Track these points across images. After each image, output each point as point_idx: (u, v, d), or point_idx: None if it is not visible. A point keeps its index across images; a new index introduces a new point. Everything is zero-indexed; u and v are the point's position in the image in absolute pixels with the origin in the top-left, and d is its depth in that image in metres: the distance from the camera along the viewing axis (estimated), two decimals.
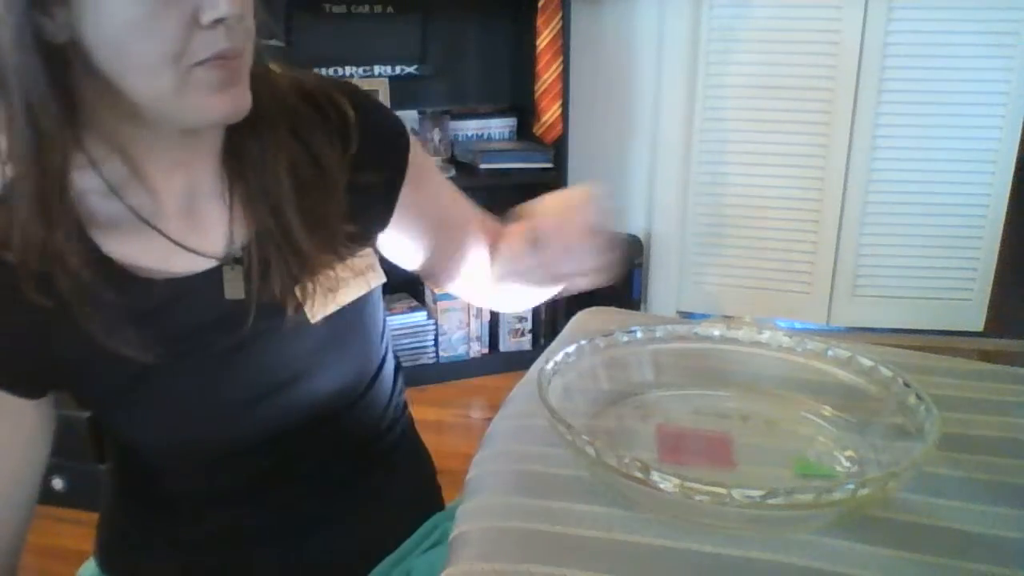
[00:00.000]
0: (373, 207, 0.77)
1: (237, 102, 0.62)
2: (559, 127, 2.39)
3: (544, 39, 2.34)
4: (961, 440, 0.63)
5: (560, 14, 2.32)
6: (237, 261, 0.69)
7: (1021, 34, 2.31)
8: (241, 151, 0.69)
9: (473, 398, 2.42)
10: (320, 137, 0.71)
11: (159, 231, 0.67)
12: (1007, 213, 2.45)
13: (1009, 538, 0.52)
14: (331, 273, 0.71)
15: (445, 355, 2.48)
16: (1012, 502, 0.56)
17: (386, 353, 0.85)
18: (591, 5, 2.52)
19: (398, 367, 0.89)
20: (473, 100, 2.57)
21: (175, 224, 0.68)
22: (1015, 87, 2.34)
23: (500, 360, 2.52)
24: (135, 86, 0.60)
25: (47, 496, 1.98)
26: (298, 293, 0.70)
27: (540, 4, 2.32)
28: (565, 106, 2.38)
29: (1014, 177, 2.43)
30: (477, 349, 2.51)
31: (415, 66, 2.44)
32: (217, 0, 0.57)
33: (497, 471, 0.61)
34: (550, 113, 2.39)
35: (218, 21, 0.58)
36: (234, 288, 0.69)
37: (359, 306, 0.76)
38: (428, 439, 0.94)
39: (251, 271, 0.69)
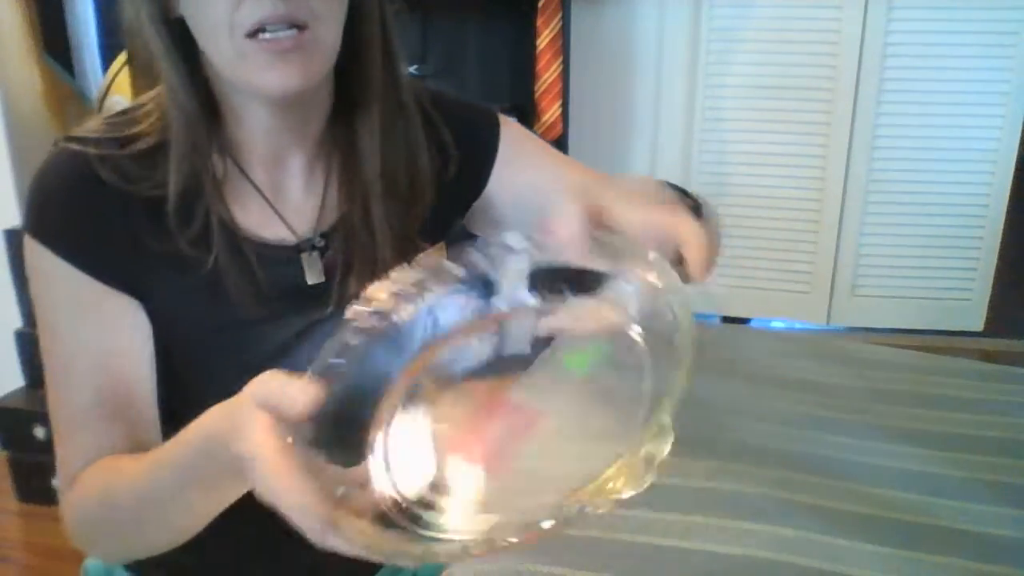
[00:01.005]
0: (452, 208, 0.80)
1: (287, 78, 0.62)
2: (559, 127, 2.39)
3: (544, 39, 2.34)
4: (961, 440, 0.63)
5: (560, 14, 2.32)
6: (316, 248, 0.72)
7: (1021, 34, 2.31)
8: (352, 140, 0.71)
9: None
10: (423, 152, 0.73)
11: (261, 192, 0.70)
12: (1007, 213, 2.45)
13: (1009, 538, 0.53)
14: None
15: None
16: (1012, 502, 0.56)
17: None
18: (591, 5, 2.52)
19: None
20: (473, 100, 2.57)
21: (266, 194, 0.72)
22: (1015, 87, 2.34)
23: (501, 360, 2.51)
24: (207, 52, 0.64)
25: (47, 496, 1.98)
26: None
27: (540, 4, 2.32)
28: (565, 106, 2.37)
29: (1014, 177, 2.43)
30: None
31: (415, 66, 2.44)
32: None
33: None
34: (550, 113, 2.39)
35: None
36: (313, 272, 0.72)
37: None
38: None
39: (328, 259, 0.71)
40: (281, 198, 0.72)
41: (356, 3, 0.67)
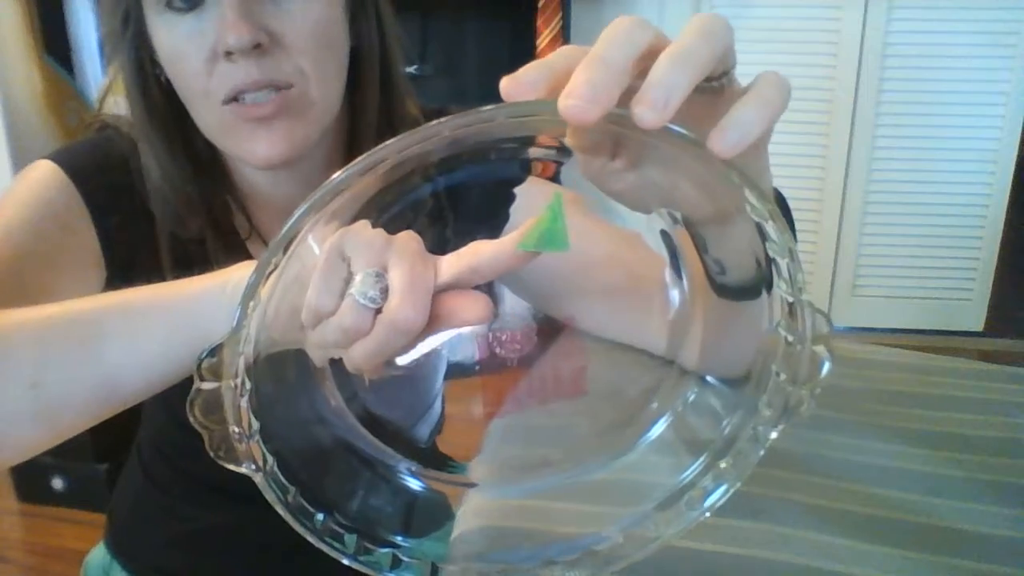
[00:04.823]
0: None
1: (271, 147, 0.58)
2: None
3: (544, 39, 2.34)
4: (961, 440, 0.63)
5: (560, 14, 2.32)
6: None
7: (1021, 34, 2.31)
8: None
9: (474, 397, 2.42)
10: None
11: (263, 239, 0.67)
12: (1007, 213, 2.45)
13: (1009, 538, 0.52)
14: None
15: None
16: (1012, 502, 0.56)
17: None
18: (591, 5, 2.52)
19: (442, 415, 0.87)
20: (473, 100, 2.56)
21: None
22: (1015, 87, 2.34)
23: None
24: (195, 119, 0.60)
25: (47, 496, 1.98)
26: None
27: (540, 4, 2.32)
28: None
29: (1014, 177, 2.43)
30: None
31: (415, 66, 2.44)
32: (225, 31, 0.55)
33: (497, 471, 0.61)
34: None
35: (229, 53, 0.55)
36: None
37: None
38: None
39: None
40: None
41: (355, 49, 0.62)
